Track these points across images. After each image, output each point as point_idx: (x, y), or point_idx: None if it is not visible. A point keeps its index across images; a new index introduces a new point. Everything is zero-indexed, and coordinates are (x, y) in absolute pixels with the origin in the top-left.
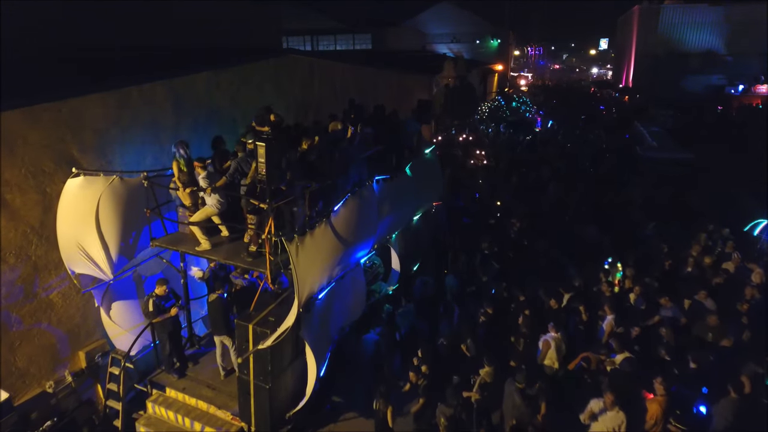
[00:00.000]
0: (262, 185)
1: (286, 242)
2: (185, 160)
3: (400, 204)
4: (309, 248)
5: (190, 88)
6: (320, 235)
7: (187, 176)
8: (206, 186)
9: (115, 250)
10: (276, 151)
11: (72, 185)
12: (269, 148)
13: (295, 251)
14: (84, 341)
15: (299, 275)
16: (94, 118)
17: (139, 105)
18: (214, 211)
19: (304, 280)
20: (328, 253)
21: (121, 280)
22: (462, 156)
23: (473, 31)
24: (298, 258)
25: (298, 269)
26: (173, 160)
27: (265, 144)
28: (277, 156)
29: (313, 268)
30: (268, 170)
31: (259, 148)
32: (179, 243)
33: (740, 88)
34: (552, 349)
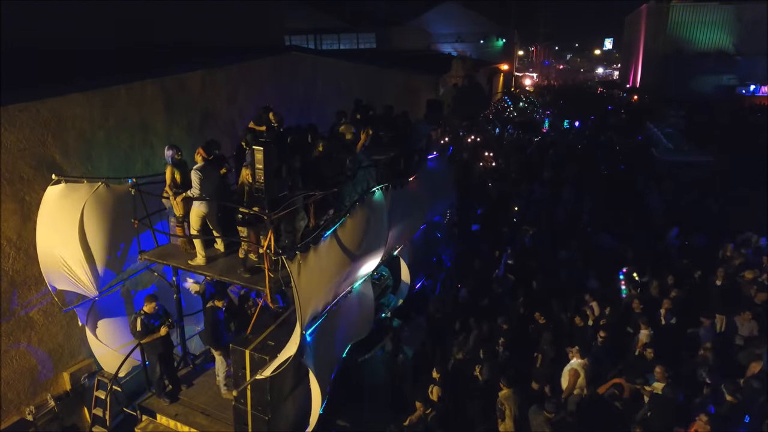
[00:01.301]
0: (260, 194)
1: (286, 261)
2: (179, 166)
3: (410, 211)
4: (313, 266)
5: (184, 88)
6: (326, 250)
7: (181, 183)
8: (196, 180)
9: (101, 263)
10: (275, 157)
11: (52, 193)
12: (267, 153)
13: (296, 271)
14: (68, 361)
15: (301, 297)
16: (77, 120)
17: (127, 105)
18: (203, 211)
19: (307, 302)
20: (334, 270)
21: (108, 296)
22: (470, 158)
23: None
24: (300, 278)
25: (300, 291)
26: (166, 166)
27: (263, 148)
28: (276, 162)
29: (318, 288)
30: (266, 178)
31: (257, 152)
32: (171, 256)
33: (751, 88)
34: (581, 378)
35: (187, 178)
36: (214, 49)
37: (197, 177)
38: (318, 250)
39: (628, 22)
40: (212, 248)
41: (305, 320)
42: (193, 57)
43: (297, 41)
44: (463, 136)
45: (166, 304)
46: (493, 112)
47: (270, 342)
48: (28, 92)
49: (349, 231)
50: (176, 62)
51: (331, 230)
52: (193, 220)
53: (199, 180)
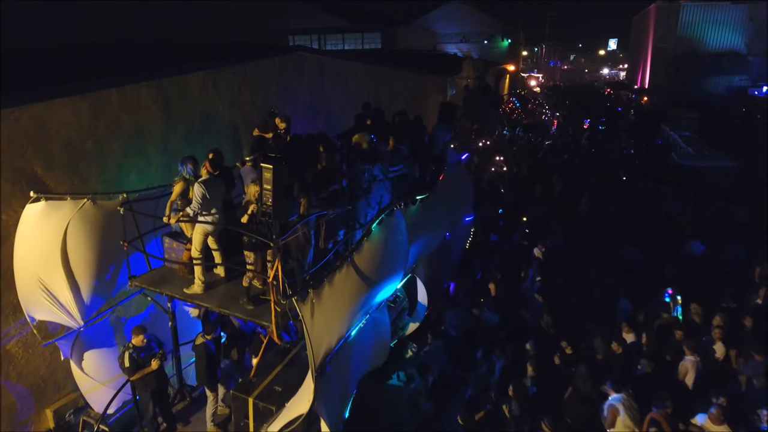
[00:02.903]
0: (267, 218)
1: (298, 304)
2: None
3: (430, 226)
4: (327, 301)
5: (183, 91)
6: (341, 281)
7: None
8: (198, 195)
9: (87, 289)
10: (286, 175)
11: (31, 212)
12: (278, 173)
13: (309, 313)
14: (52, 396)
15: (314, 342)
16: (62, 128)
17: (119, 111)
18: (207, 228)
19: (320, 344)
20: (350, 300)
21: (95, 325)
22: (482, 163)
23: (483, 30)
24: (314, 319)
25: (312, 334)
26: (177, 180)
27: (272, 167)
28: (287, 180)
29: (332, 324)
30: (275, 200)
31: (265, 171)
32: (165, 282)
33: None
34: (624, 417)
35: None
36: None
37: (200, 191)
38: (333, 283)
39: (635, 21)
40: (211, 272)
41: (317, 364)
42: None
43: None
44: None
45: (162, 331)
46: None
47: (276, 387)
48: (6, 97)
49: (366, 256)
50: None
51: (348, 257)
52: (196, 238)
53: (201, 195)
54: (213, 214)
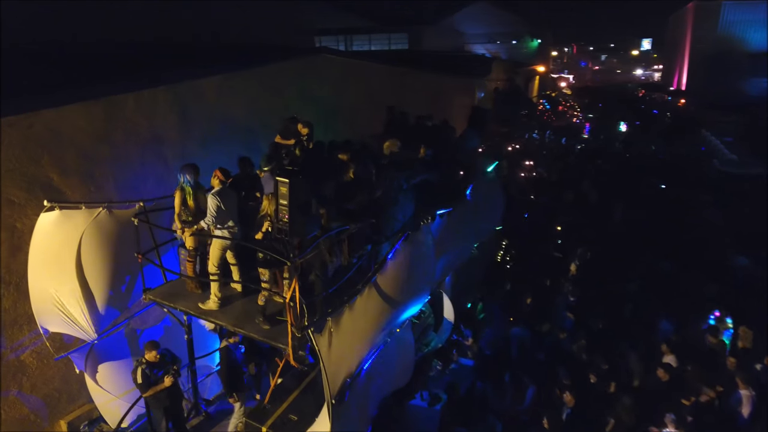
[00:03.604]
0: (283, 236)
1: (314, 336)
2: (192, 190)
3: (458, 239)
4: (347, 327)
5: (200, 95)
6: (363, 305)
7: (195, 211)
8: (213, 207)
9: (102, 301)
10: (303, 190)
11: (45, 222)
12: (294, 187)
13: (327, 343)
14: (66, 408)
15: (331, 372)
16: (77, 134)
17: (136, 116)
18: (225, 242)
19: (339, 371)
20: (372, 323)
21: (110, 336)
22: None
23: (512, 30)
24: (332, 349)
25: (329, 365)
26: (177, 189)
27: (288, 181)
28: (304, 196)
29: (352, 349)
30: (291, 217)
31: (281, 185)
32: (180, 296)
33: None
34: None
35: (199, 206)
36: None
37: (214, 203)
38: (353, 307)
39: (672, 21)
40: (228, 287)
41: (335, 392)
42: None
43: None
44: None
45: (178, 344)
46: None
47: (292, 416)
48: (19, 103)
49: (391, 276)
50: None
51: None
52: (214, 253)
53: (216, 207)
54: (230, 227)
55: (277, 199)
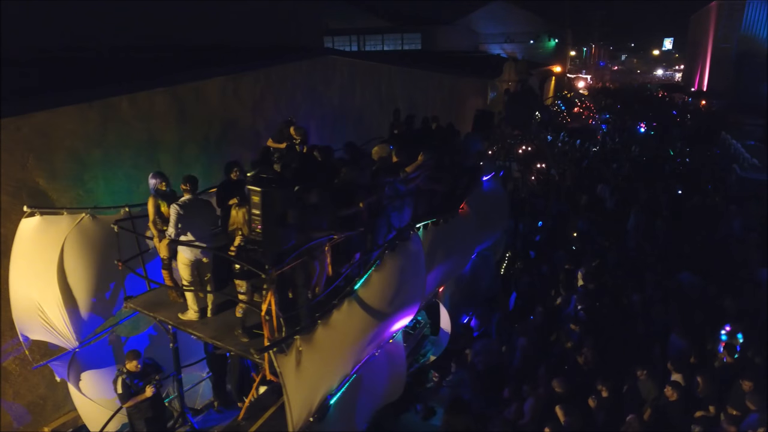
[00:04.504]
0: (257, 247)
1: (276, 357)
2: (165, 197)
3: (454, 248)
4: (323, 343)
5: (200, 97)
6: (343, 319)
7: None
8: (173, 217)
9: (85, 308)
10: (279, 201)
11: (26, 228)
12: (267, 198)
13: (293, 363)
14: (51, 415)
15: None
16: (68, 137)
17: (130, 119)
18: (188, 258)
19: (315, 389)
20: (355, 337)
21: (94, 344)
22: (522, 171)
23: (529, 30)
24: (302, 368)
25: (298, 386)
26: (150, 196)
27: (260, 191)
28: (280, 207)
29: (331, 365)
30: (265, 227)
31: (253, 195)
32: (161, 306)
33: None
34: None
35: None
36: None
37: (175, 213)
38: (329, 323)
39: (694, 20)
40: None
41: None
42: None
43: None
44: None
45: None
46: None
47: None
48: (6, 106)
49: (375, 287)
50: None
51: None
52: (181, 269)
53: (176, 217)
54: (192, 241)
55: (249, 209)
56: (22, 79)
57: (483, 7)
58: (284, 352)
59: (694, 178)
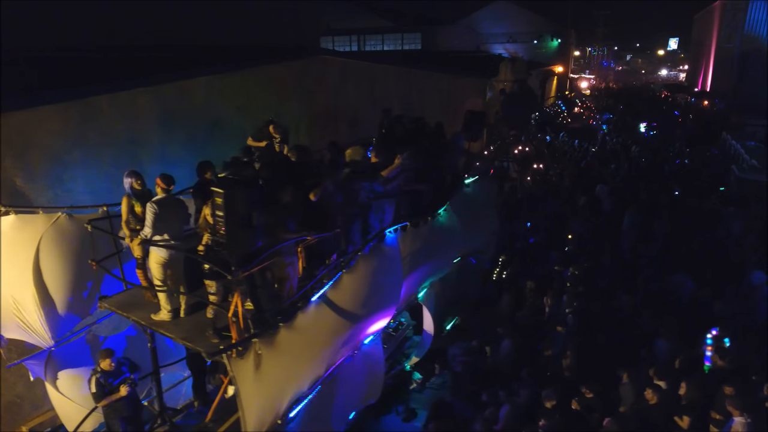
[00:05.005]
0: (222, 248)
1: (229, 361)
2: (140, 197)
3: (435, 251)
4: (287, 347)
5: (184, 97)
6: (312, 321)
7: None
8: (150, 216)
9: (62, 307)
10: (242, 203)
11: (1, 227)
12: (230, 198)
13: (251, 367)
14: (30, 414)
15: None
16: (47, 136)
17: (111, 118)
18: (162, 257)
19: (280, 392)
20: (324, 340)
21: (71, 343)
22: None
23: (532, 30)
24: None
25: (252, 389)
26: (124, 195)
27: (224, 192)
28: (243, 208)
29: (299, 368)
30: (228, 228)
31: (216, 196)
32: (135, 306)
33: None
34: None
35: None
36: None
37: (151, 212)
38: (295, 326)
39: (697, 20)
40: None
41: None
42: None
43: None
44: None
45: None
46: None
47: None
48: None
49: (347, 289)
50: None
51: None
52: (153, 268)
53: (153, 216)
54: (167, 241)
55: (213, 210)
56: (5, 79)
57: (486, 7)
58: (240, 355)
59: (693, 179)
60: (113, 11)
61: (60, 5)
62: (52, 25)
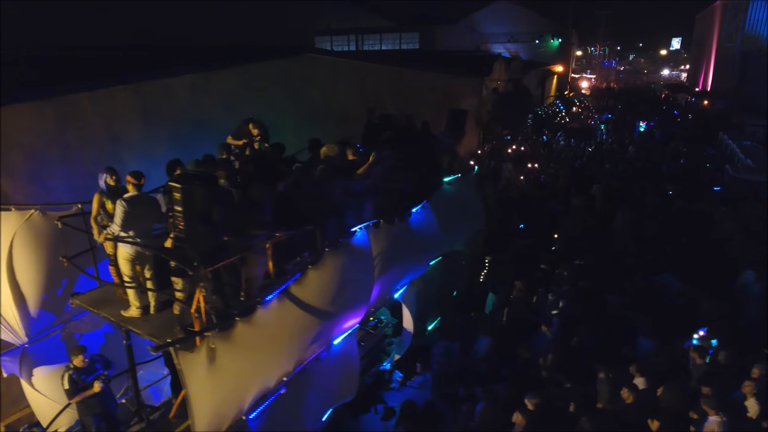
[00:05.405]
0: (181, 244)
1: (177, 354)
2: (113, 194)
3: (411, 250)
4: (247, 342)
5: (168, 95)
6: (272, 318)
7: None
8: (119, 213)
9: (35, 304)
10: (200, 199)
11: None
12: (188, 194)
13: (204, 361)
14: (7, 410)
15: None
16: (24, 134)
17: (91, 116)
18: (129, 253)
19: (240, 388)
20: (290, 336)
21: (45, 340)
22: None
23: (533, 29)
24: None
25: (196, 386)
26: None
27: (181, 187)
28: (201, 204)
29: (263, 364)
30: (187, 225)
31: (174, 192)
32: (106, 303)
33: None
34: None
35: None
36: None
37: (121, 209)
38: (254, 322)
39: (699, 19)
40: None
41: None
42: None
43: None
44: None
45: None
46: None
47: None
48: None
49: (314, 286)
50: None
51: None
52: (121, 264)
53: (123, 213)
54: (134, 238)
55: (172, 206)
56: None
57: (487, 6)
58: (190, 349)
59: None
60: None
61: (43, 5)
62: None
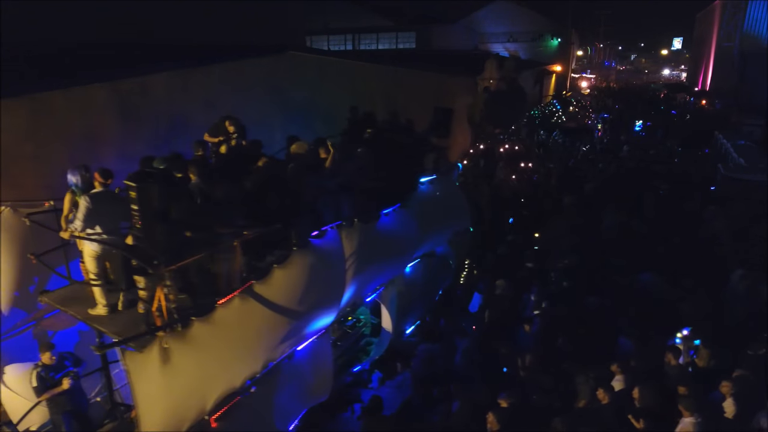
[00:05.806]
0: (139, 242)
1: (122, 354)
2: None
3: (387, 250)
4: (205, 342)
5: (146, 92)
6: (234, 317)
7: None
8: (82, 209)
9: (6, 301)
10: (157, 198)
11: None
12: (143, 192)
13: (155, 363)
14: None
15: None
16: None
17: (67, 114)
18: (94, 250)
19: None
20: (255, 335)
21: (17, 337)
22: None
23: (532, 29)
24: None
25: (143, 386)
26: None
27: (136, 186)
28: (157, 203)
29: (222, 365)
30: (144, 223)
31: (130, 190)
32: (74, 301)
33: None
34: None
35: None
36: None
37: (84, 205)
38: (214, 320)
39: (699, 19)
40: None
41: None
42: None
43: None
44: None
45: None
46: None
47: None
48: None
49: (280, 285)
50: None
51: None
52: (87, 261)
53: (86, 209)
54: (99, 234)
55: (128, 204)
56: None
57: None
58: (139, 349)
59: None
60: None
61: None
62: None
